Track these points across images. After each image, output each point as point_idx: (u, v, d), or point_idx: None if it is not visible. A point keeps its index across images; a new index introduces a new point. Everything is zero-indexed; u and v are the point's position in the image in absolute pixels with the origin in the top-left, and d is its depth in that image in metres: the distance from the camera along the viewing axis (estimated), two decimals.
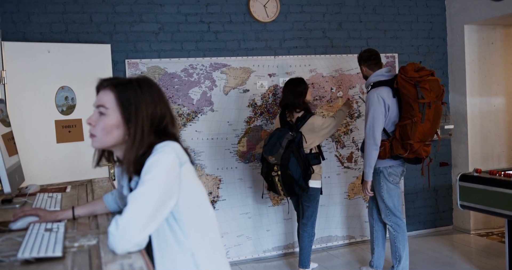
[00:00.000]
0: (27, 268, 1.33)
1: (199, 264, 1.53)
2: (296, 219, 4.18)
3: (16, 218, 1.74)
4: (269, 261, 4.58)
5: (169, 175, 1.46)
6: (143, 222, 1.38)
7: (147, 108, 1.53)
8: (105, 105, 1.55)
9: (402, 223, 3.82)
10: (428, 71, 3.57)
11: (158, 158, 1.45)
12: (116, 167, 1.74)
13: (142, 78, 1.61)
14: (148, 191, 1.40)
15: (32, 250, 1.40)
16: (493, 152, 5.21)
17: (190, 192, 1.53)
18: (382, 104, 3.61)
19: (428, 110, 3.48)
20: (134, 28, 4.27)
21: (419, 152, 3.57)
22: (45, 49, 3.84)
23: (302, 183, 3.73)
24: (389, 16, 5.06)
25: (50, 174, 3.68)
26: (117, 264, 1.29)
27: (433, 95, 3.49)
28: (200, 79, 4.42)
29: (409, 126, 3.53)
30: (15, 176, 2.24)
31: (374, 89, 3.70)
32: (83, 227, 1.73)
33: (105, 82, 1.59)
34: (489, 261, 4.30)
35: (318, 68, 4.78)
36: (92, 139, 1.57)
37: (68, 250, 1.47)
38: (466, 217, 5.15)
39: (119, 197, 1.86)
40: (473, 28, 5.08)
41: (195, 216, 1.55)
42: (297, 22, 4.74)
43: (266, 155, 3.75)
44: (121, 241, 1.35)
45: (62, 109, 3.91)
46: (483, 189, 3.30)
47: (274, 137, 3.71)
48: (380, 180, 3.76)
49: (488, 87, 5.17)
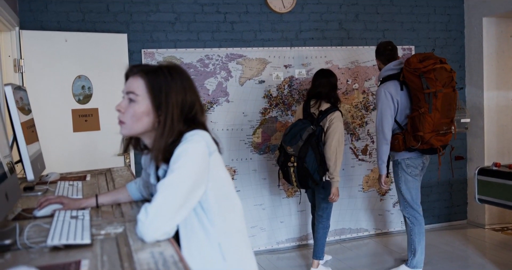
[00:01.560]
0: (56, 254, 1.33)
1: (225, 254, 1.53)
2: (311, 211, 4.16)
3: (41, 206, 1.74)
4: (282, 252, 4.59)
5: (198, 164, 1.45)
6: (173, 211, 1.38)
7: (177, 96, 1.52)
8: (135, 91, 1.53)
9: (419, 216, 3.81)
10: (434, 59, 3.53)
11: (188, 146, 1.44)
12: (143, 155, 1.73)
13: (172, 65, 1.59)
14: (177, 180, 1.40)
15: (61, 237, 1.40)
16: (509, 146, 5.16)
17: (218, 181, 1.52)
18: (390, 99, 3.64)
19: (435, 99, 3.46)
20: (151, 18, 4.26)
21: (431, 143, 3.56)
22: (62, 38, 3.85)
23: (317, 177, 3.71)
24: (406, 8, 5.00)
25: (66, 162, 3.70)
26: (147, 252, 1.28)
27: (439, 84, 3.46)
28: (216, 70, 4.41)
29: (417, 117, 3.54)
30: (37, 164, 2.24)
31: (382, 85, 3.73)
32: (107, 215, 1.73)
33: (135, 69, 1.57)
34: (504, 256, 4.28)
35: (334, 59, 4.74)
36: (121, 126, 1.56)
37: (95, 238, 1.47)
38: (481, 211, 5.12)
39: (143, 185, 1.86)
40: (491, 21, 5.01)
41: (223, 206, 1.54)
42: (313, 13, 4.70)
43: (285, 144, 3.73)
44: (150, 229, 1.35)
45: (79, 98, 3.91)
46: (502, 183, 3.27)
47: (295, 128, 3.68)
48: (398, 171, 3.80)
49: (505, 81, 5.11)
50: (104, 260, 1.28)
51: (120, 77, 4.32)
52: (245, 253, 1.62)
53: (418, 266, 3.87)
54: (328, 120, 3.71)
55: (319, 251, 3.98)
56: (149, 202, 1.41)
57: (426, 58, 3.53)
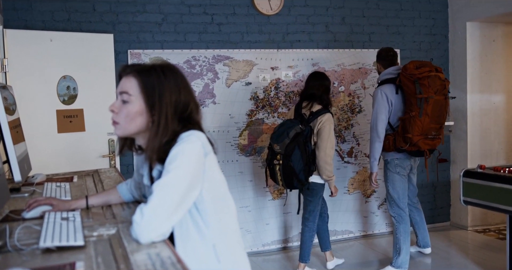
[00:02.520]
0: (49, 256, 1.30)
1: (220, 255, 1.51)
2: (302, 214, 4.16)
3: (30, 207, 1.71)
4: (268, 254, 4.58)
5: (194, 164, 1.43)
6: (168, 212, 1.36)
7: (171, 95, 1.50)
8: (128, 91, 1.51)
9: (405, 215, 3.93)
10: (429, 67, 3.71)
11: (183, 147, 1.43)
12: (135, 156, 1.71)
13: (165, 64, 1.57)
14: (173, 180, 1.38)
15: (53, 238, 1.37)
16: (491, 149, 5.24)
17: (213, 182, 1.51)
18: (385, 100, 3.81)
19: (426, 105, 3.63)
20: (137, 18, 4.22)
21: (419, 145, 3.72)
22: (47, 37, 3.79)
23: (302, 177, 3.71)
24: (392, 12, 5.05)
25: (50, 164, 3.64)
26: (143, 254, 1.26)
27: (431, 91, 3.63)
28: (203, 71, 4.39)
29: (407, 120, 3.71)
30: (23, 165, 2.20)
31: (380, 87, 3.91)
32: (98, 217, 1.70)
33: (128, 69, 1.55)
34: (487, 257, 4.33)
35: (321, 62, 4.76)
36: (115, 126, 1.54)
37: (88, 239, 1.44)
38: (464, 213, 5.18)
39: (135, 187, 1.83)
40: (475, 25, 5.09)
41: (218, 207, 1.53)
42: (300, 15, 4.72)
43: (272, 142, 3.76)
44: (145, 230, 1.33)
45: (64, 99, 3.86)
46: (486, 185, 3.31)
47: (283, 127, 3.71)
48: (387, 171, 3.98)
49: (488, 85, 5.19)
50: (98, 261, 1.26)
51: (106, 77, 4.29)
52: (239, 255, 1.61)
53: (402, 266, 3.93)
54: (319, 122, 3.73)
55: (305, 254, 3.99)
56: (141, 203, 1.39)
57: (423, 66, 3.72)
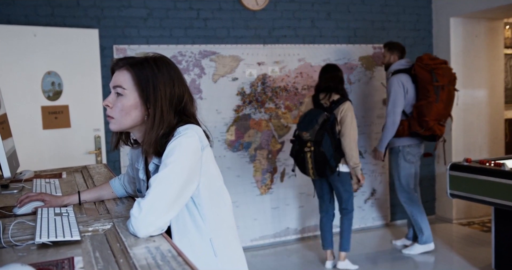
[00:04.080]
0: (45, 252, 1.29)
1: (216, 249, 1.51)
2: (319, 206, 4.16)
3: (22, 203, 1.68)
4: (256, 250, 4.59)
5: (192, 158, 1.42)
6: (166, 205, 1.35)
7: (166, 88, 1.49)
8: (122, 85, 1.49)
9: (414, 196, 4.30)
10: (442, 60, 4.19)
11: (180, 141, 1.42)
12: (130, 150, 1.69)
13: (158, 56, 1.56)
14: (171, 174, 1.37)
15: (49, 234, 1.35)
16: (475, 143, 5.31)
17: (209, 176, 1.50)
18: (401, 87, 4.15)
19: (442, 92, 4.05)
20: (122, 13, 4.18)
21: (434, 129, 4.12)
22: (31, 32, 3.73)
23: (333, 163, 3.79)
24: (377, 7, 5.08)
25: (36, 160, 3.59)
26: (142, 248, 1.25)
27: (446, 80, 4.06)
28: (189, 67, 4.36)
29: (424, 105, 4.09)
30: (12, 161, 2.16)
31: (395, 76, 4.23)
32: (91, 212, 1.68)
33: (121, 62, 1.53)
34: (471, 249, 4.40)
35: (307, 57, 4.77)
36: (110, 121, 1.52)
37: (84, 234, 1.43)
38: (449, 207, 5.25)
39: (128, 181, 1.82)
40: (458, 21, 5.14)
41: (214, 201, 1.52)
42: (286, 11, 4.72)
43: (301, 131, 3.79)
44: (143, 224, 1.32)
45: (49, 95, 3.81)
46: (473, 178, 3.36)
47: (310, 115, 3.79)
48: (398, 159, 4.27)
49: (471, 80, 5.25)
50: (97, 256, 1.24)
51: (91, 73, 4.23)
52: (235, 249, 1.61)
53: (428, 241, 4.29)
54: (341, 110, 3.82)
55: (346, 243, 4.04)
56: (134, 198, 1.38)
57: (434, 58, 4.18)
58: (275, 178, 4.72)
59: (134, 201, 1.78)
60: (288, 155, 4.70)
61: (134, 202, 1.39)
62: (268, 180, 4.69)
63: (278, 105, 4.67)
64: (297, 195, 4.80)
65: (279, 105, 4.67)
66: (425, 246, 4.30)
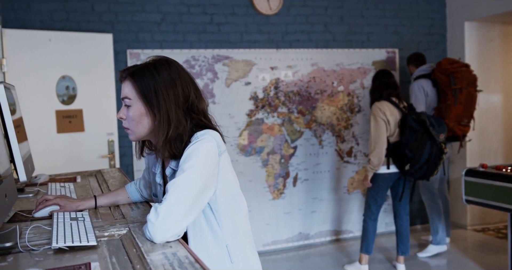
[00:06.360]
0: (62, 256, 1.28)
1: (232, 255, 1.50)
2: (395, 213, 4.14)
3: (38, 207, 1.69)
4: (268, 255, 4.56)
5: (209, 164, 1.42)
6: (183, 211, 1.34)
7: (168, 90, 1.48)
8: (128, 96, 1.52)
9: (436, 198, 4.44)
10: (462, 63, 4.36)
11: (198, 146, 1.41)
12: (147, 155, 1.69)
13: (157, 59, 1.55)
14: (188, 180, 1.36)
15: (65, 239, 1.35)
16: (490, 148, 5.25)
17: (226, 182, 1.49)
18: (422, 91, 4.42)
19: (460, 94, 4.25)
20: (136, 18, 4.20)
21: (454, 130, 4.31)
22: (46, 37, 3.76)
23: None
24: (390, 12, 5.05)
25: (50, 164, 3.61)
26: (159, 254, 1.24)
27: (464, 82, 4.24)
28: (202, 71, 4.37)
29: (444, 108, 4.31)
30: (28, 165, 2.17)
31: (416, 81, 4.49)
32: (107, 217, 1.68)
33: (124, 73, 1.54)
34: (486, 256, 4.34)
35: (320, 62, 4.76)
36: (127, 132, 1.56)
37: (99, 239, 1.42)
38: (463, 212, 5.19)
39: (144, 186, 1.81)
40: (473, 25, 5.10)
41: (231, 207, 1.51)
42: (299, 15, 4.71)
43: (438, 133, 3.72)
44: (160, 230, 1.31)
45: (63, 99, 3.83)
46: (489, 184, 3.32)
47: (433, 118, 3.80)
48: None
49: (486, 85, 5.19)
50: (113, 261, 1.24)
51: (105, 77, 4.27)
52: (251, 255, 1.59)
53: (442, 243, 4.37)
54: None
55: (406, 246, 4.03)
56: (149, 203, 1.37)
57: (455, 62, 4.35)
58: (288, 182, 4.70)
59: (149, 206, 1.79)
60: (301, 159, 4.69)
61: (149, 207, 1.39)
62: (280, 185, 4.67)
63: (291, 109, 4.65)
64: (310, 200, 4.78)
65: (292, 110, 4.66)
66: (439, 247, 4.39)
